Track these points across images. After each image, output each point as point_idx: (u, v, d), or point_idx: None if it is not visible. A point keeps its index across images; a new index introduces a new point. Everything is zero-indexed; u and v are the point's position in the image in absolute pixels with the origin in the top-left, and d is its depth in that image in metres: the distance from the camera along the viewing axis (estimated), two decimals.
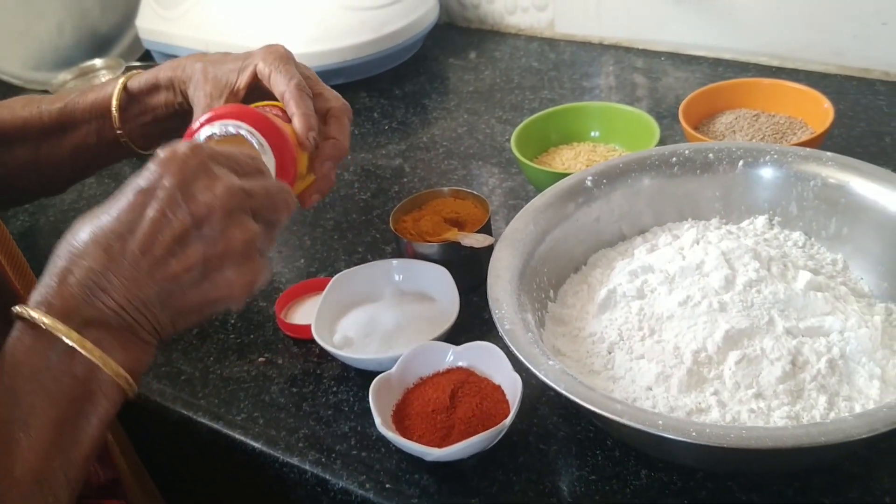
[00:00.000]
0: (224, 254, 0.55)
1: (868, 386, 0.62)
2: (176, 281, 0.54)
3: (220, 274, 0.56)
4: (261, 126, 0.66)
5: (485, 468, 0.67)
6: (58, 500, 0.51)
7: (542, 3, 1.29)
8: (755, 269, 0.68)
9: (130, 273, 0.53)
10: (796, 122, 0.92)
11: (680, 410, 0.62)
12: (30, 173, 0.83)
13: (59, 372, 0.52)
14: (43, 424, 0.51)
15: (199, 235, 0.54)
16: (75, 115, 0.82)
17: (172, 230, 0.53)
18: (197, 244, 0.54)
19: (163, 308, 0.55)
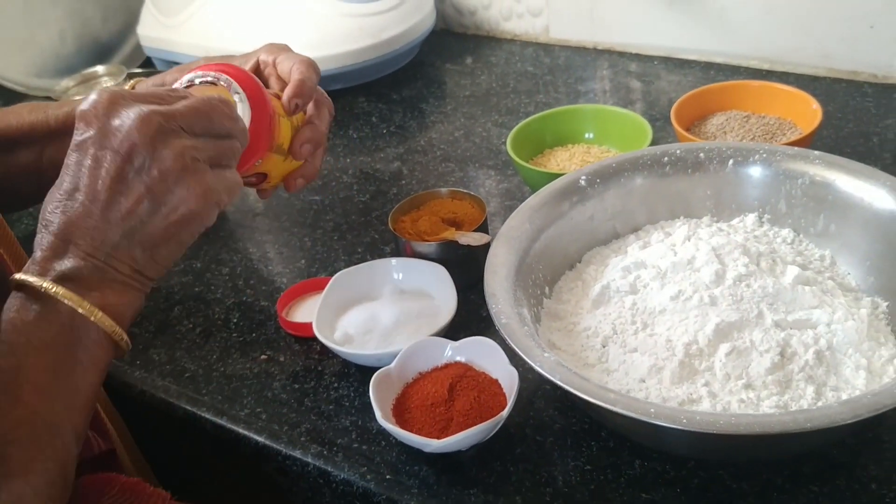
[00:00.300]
0: (162, 175, 0.57)
1: (854, 376, 0.64)
2: (132, 216, 0.57)
3: (171, 195, 0.58)
4: (241, 78, 0.68)
5: (483, 459, 0.68)
6: (66, 447, 0.55)
7: (537, 8, 1.31)
8: (745, 265, 0.70)
9: (88, 223, 0.57)
10: (786, 123, 0.94)
11: (672, 401, 0.64)
12: (33, 177, 0.84)
13: (45, 322, 0.55)
14: (37, 370, 0.54)
15: (133, 167, 0.57)
16: None
17: (108, 172, 0.57)
18: (134, 175, 0.57)
19: (132, 245, 0.58)
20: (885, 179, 0.72)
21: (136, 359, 0.85)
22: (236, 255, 0.98)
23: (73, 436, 0.56)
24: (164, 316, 0.90)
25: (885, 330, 0.69)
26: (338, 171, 1.10)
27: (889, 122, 1.00)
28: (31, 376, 0.54)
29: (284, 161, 0.74)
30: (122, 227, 0.57)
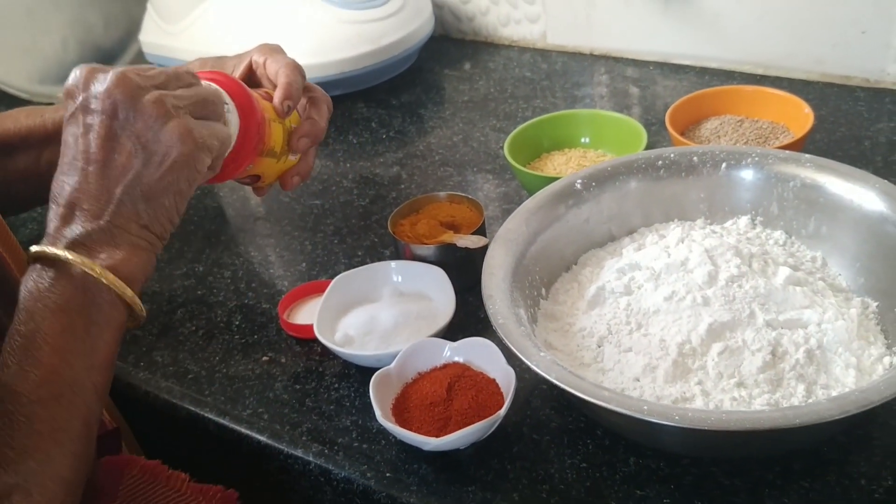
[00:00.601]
0: (146, 124, 0.60)
1: (844, 374, 0.65)
2: (128, 169, 0.60)
3: (159, 143, 0.61)
4: (230, 86, 0.70)
5: (481, 458, 0.70)
6: (88, 404, 0.58)
7: (535, 15, 1.33)
8: (737, 266, 0.72)
9: (90, 186, 0.59)
10: (779, 127, 0.96)
11: (666, 399, 0.65)
12: (32, 181, 0.85)
13: (58, 286, 0.58)
14: (54, 333, 0.57)
15: (119, 123, 0.60)
16: None
17: (97, 134, 0.60)
18: (121, 131, 0.60)
19: (135, 200, 0.61)
20: (875, 182, 0.73)
21: (139, 361, 0.87)
22: (238, 259, 0.99)
23: (94, 393, 0.58)
24: (168, 318, 0.92)
25: (875, 329, 0.70)
26: (338, 176, 1.12)
27: (881, 126, 1.01)
28: (48, 338, 0.56)
29: (278, 163, 0.76)
30: (120, 182, 0.60)
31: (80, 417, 0.57)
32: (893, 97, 1.06)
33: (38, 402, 0.55)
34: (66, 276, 0.58)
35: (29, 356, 0.56)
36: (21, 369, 0.55)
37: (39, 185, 0.87)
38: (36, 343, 0.56)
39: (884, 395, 0.56)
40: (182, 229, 1.06)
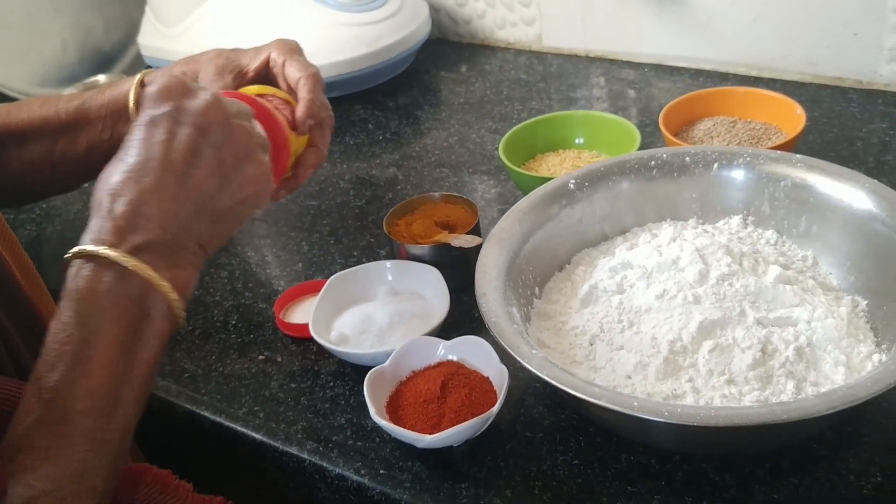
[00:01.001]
0: (234, 152, 0.61)
1: (834, 372, 0.66)
2: (203, 189, 0.60)
3: (239, 172, 0.62)
4: (259, 113, 0.71)
5: (474, 455, 0.70)
6: (127, 417, 0.57)
7: (530, 17, 1.34)
8: (727, 264, 0.73)
9: (163, 193, 0.58)
10: (771, 128, 0.96)
11: (657, 396, 0.66)
12: (46, 170, 0.86)
13: (117, 295, 0.56)
14: (107, 343, 0.55)
15: (207, 142, 0.60)
16: (90, 113, 0.85)
17: (183, 144, 0.59)
18: (208, 150, 0.60)
19: (200, 219, 0.60)
20: (864, 181, 0.74)
21: None
22: (235, 259, 1.00)
23: (135, 405, 0.57)
24: None
25: (865, 327, 0.71)
26: (334, 177, 1.12)
27: (873, 127, 1.02)
28: (102, 349, 0.55)
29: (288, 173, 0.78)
30: (194, 199, 0.60)
31: (119, 430, 0.56)
32: (886, 98, 1.07)
33: (82, 413, 0.53)
34: (127, 285, 0.56)
35: (79, 365, 0.54)
36: (69, 377, 0.54)
37: (53, 176, 0.87)
38: (88, 353, 0.54)
39: (870, 391, 0.56)
40: None
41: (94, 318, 0.55)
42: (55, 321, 0.56)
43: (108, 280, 0.56)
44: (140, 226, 0.57)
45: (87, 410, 0.54)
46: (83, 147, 0.85)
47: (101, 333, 0.55)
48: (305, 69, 0.79)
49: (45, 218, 1.15)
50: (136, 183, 0.58)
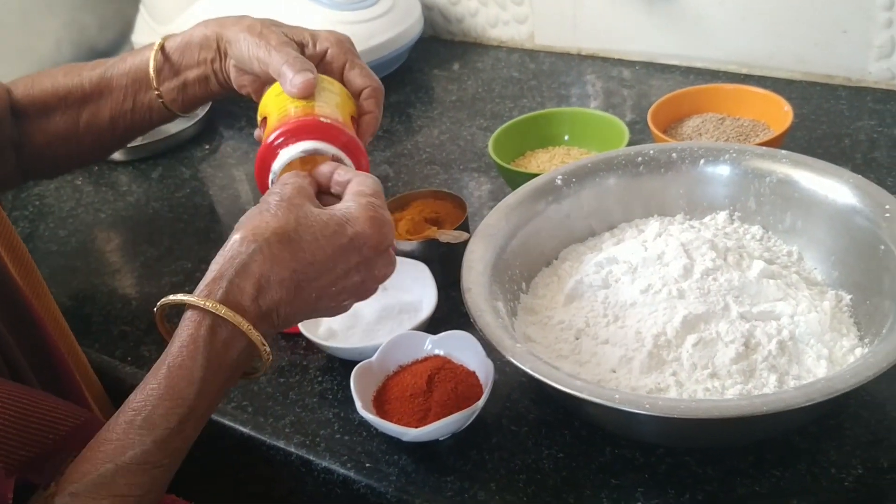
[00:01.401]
0: (369, 279, 0.65)
1: (816, 365, 0.67)
2: (321, 308, 0.64)
3: (362, 292, 0.66)
4: (349, 146, 0.70)
5: (460, 449, 0.71)
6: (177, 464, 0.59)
7: (523, 16, 1.34)
8: (712, 259, 0.73)
9: (302, 306, 0.62)
10: (759, 125, 0.97)
11: (641, 390, 0.66)
12: (71, 141, 0.86)
13: (234, 365, 0.59)
14: (211, 403, 0.59)
15: (357, 289, 0.65)
16: (112, 81, 0.85)
17: (345, 285, 0.63)
18: (352, 293, 0.65)
19: (303, 314, 0.65)
20: (849, 177, 0.75)
21: (127, 355, 0.88)
22: None
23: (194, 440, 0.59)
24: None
25: (848, 322, 0.71)
26: None
27: (861, 124, 1.02)
28: (205, 413, 0.59)
29: None
30: (313, 309, 0.64)
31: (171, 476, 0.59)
32: (875, 96, 1.07)
33: (160, 466, 0.56)
34: (242, 349, 0.59)
35: (184, 430, 0.57)
36: (168, 437, 0.56)
37: (78, 146, 0.87)
38: (188, 416, 0.57)
39: (848, 383, 0.57)
40: (172, 227, 1.08)
41: (211, 382, 0.58)
42: (168, 367, 0.57)
43: (222, 337, 0.58)
44: (271, 316, 0.60)
45: (164, 465, 0.56)
46: (107, 117, 0.86)
47: (209, 397, 0.58)
48: (371, 80, 0.78)
49: (39, 215, 1.16)
50: (296, 288, 0.60)
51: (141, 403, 0.56)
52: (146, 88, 0.85)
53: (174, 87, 0.85)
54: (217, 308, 0.57)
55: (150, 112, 0.87)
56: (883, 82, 1.08)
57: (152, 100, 0.85)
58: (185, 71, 0.84)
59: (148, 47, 0.85)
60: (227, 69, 0.84)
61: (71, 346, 0.78)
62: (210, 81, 0.85)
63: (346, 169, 0.68)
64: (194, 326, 0.58)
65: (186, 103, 0.87)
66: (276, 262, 0.59)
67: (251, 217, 0.62)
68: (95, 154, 0.93)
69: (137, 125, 0.88)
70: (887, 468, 0.64)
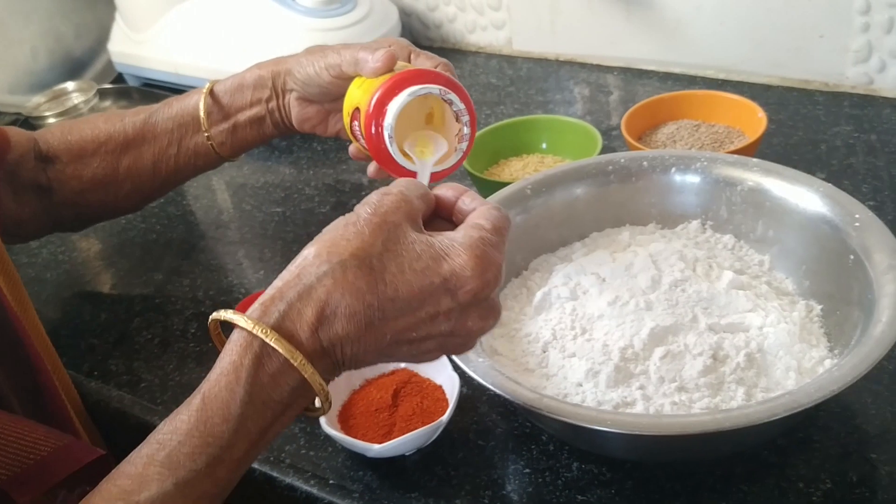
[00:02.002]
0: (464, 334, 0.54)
1: (785, 377, 0.66)
2: (396, 355, 0.54)
3: (453, 347, 0.56)
4: (452, 86, 0.71)
5: (426, 464, 0.70)
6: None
7: (500, 21, 1.33)
8: (680, 270, 0.72)
9: (371, 347, 0.52)
10: (734, 132, 0.96)
11: (607, 405, 0.65)
12: (109, 188, 0.86)
13: (282, 403, 0.50)
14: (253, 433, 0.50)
15: (444, 342, 0.54)
16: (157, 126, 0.85)
17: (429, 331, 0.52)
18: (437, 343, 0.54)
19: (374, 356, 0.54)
20: (819, 185, 0.74)
21: (94, 370, 0.86)
22: (197, 267, 0.99)
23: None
24: (125, 327, 0.92)
25: (818, 332, 0.70)
26: (300, 183, 1.12)
27: (837, 130, 1.01)
28: (234, 454, 0.50)
29: None
30: (389, 347, 0.53)
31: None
32: (851, 100, 1.06)
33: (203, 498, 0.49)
34: (294, 387, 0.50)
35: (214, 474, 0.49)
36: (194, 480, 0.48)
37: (117, 194, 0.87)
38: (226, 462, 0.49)
39: (812, 397, 0.56)
40: (143, 238, 1.07)
41: (247, 407, 0.49)
42: (212, 391, 0.49)
43: (285, 384, 0.50)
44: (336, 351, 0.51)
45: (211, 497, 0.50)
46: (150, 162, 0.85)
47: (255, 440, 0.50)
48: (439, 59, 0.77)
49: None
50: (367, 327, 0.50)
51: (167, 436, 0.49)
52: (193, 132, 0.85)
53: (224, 129, 0.86)
54: (267, 334, 0.48)
55: (195, 157, 0.87)
56: (860, 87, 1.07)
57: (199, 144, 0.85)
58: (236, 113, 0.85)
59: (196, 91, 0.86)
60: (286, 106, 0.85)
61: (56, 366, 0.77)
62: (264, 122, 0.86)
63: (474, 196, 0.57)
64: (238, 352, 0.49)
65: (236, 146, 0.87)
66: (349, 290, 0.49)
67: (334, 229, 0.52)
68: (132, 201, 0.90)
69: (181, 170, 0.88)
70: (856, 482, 0.63)
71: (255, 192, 1.12)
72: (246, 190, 1.13)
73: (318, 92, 0.82)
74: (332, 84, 0.80)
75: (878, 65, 1.04)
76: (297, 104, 0.85)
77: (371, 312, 0.50)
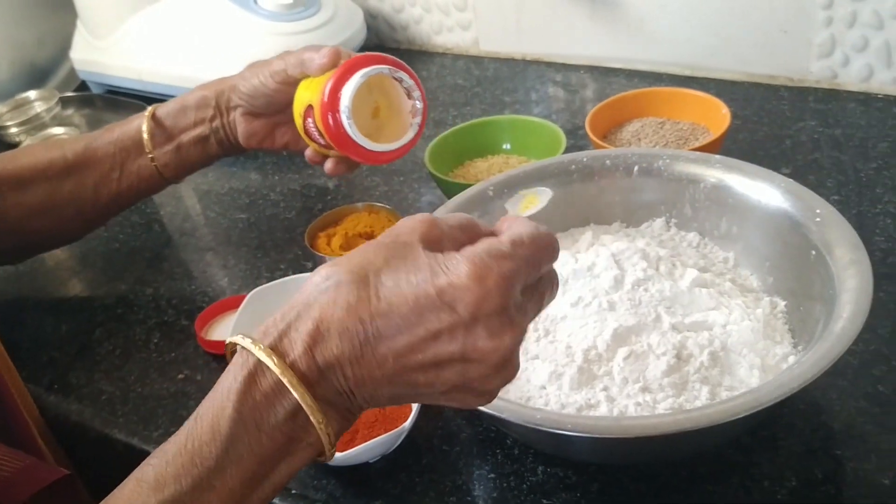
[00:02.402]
0: (479, 363, 0.47)
1: (749, 375, 0.65)
2: (413, 388, 0.48)
3: (462, 395, 0.49)
4: (400, 66, 0.75)
5: (390, 471, 0.69)
6: None
7: (466, 22, 1.32)
8: (643, 269, 0.71)
9: (374, 373, 0.46)
10: (699, 128, 0.96)
11: (571, 407, 0.65)
12: (50, 214, 0.84)
13: (279, 431, 0.46)
14: (245, 458, 0.46)
15: (462, 370, 0.47)
16: (98, 151, 0.84)
17: (436, 354, 0.46)
18: (454, 372, 0.47)
19: (396, 396, 0.49)
20: (780, 181, 0.73)
21: (54, 383, 0.85)
22: (160, 276, 0.98)
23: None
24: (86, 338, 0.90)
25: (783, 329, 0.70)
26: (265, 189, 1.11)
27: (801, 125, 1.01)
28: (225, 481, 0.46)
29: None
30: (396, 390, 0.48)
31: None
32: (816, 95, 1.06)
33: None
34: (293, 422, 0.46)
35: (202, 499, 0.45)
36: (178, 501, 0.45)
37: (58, 221, 0.86)
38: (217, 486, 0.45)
39: (773, 395, 0.55)
40: (106, 247, 1.05)
41: (239, 445, 0.46)
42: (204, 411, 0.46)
43: (278, 412, 0.46)
44: (333, 378, 0.47)
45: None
46: (91, 186, 0.84)
47: (249, 467, 0.46)
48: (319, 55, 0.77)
49: None
50: (362, 345, 0.46)
51: (157, 458, 0.47)
52: (136, 155, 0.84)
53: (168, 150, 0.85)
54: (261, 350, 0.46)
55: (138, 181, 0.86)
56: (824, 81, 1.07)
57: (141, 167, 0.85)
58: (179, 134, 0.85)
59: (137, 116, 0.85)
60: (231, 124, 0.86)
61: (15, 382, 0.75)
62: (209, 141, 0.86)
63: (520, 220, 0.50)
64: (234, 371, 0.47)
65: (180, 167, 0.87)
66: (341, 305, 0.45)
67: (355, 249, 0.50)
68: (75, 228, 0.90)
69: (124, 194, 0.87)
70: (822, 479, 0.62)
71: (220, 199, 1.11)
72: (211, 196, 1.12)
73: (264, 103, 0.83)
74: (277, 91, 0.81)
75: (841, 59, 1.04)
76: (243, 120, 0.85)
77: (364, 328, 0.46)
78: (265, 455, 0.46)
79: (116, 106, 1.31)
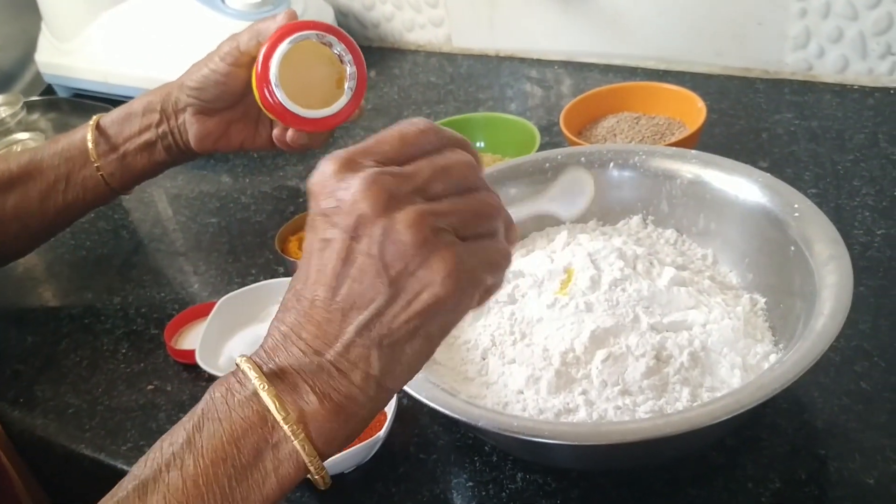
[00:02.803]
0: (398, 252, 0.43)
1: (730, 375, 0.64)
2: (365, 305, 0.44)
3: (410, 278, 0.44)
4: (332, 30, 0.74)
5: (365, 481, 0.67)
6: None
7: (438, 18, 1.31)
8: (620, 269, 0.70)
9: (322, 315, 0.45)
10: (675, 123, 0.94)
11: (549, 412, 0.63)
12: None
13: (248, 407, 0.45)
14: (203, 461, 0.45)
15: (362, 246, 0.43)
16: (43, 162, 0.82)
17: (335, 253, 0.44)
18: (364, 256, 0.44)
19: (369, 344, 0.44)
20: (758, 176, 0.72)
21: (19, 397, 0.82)
22: (128, 284, 0.95)
23: None
24: (52, 350, 0.88)
25: (763, 326, 0.69)
26: (236, 192, 1.08)
27: (778, 118, 1.00)
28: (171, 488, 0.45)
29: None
30: (352, 319, 0.44)
31: None
32: (792, 87, 1.05)
33: None
34: (256, 414, 0.44)
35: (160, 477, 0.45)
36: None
37: (3, 235, 0.83)
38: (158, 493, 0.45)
39: (754, 397, 0.54)
40: (72, 255, 1.03)
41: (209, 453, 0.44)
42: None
43: (236, 397, 0.45)
44: (291, 345, 0.45)
45: None
46: (36, 199, 0.82)
47: (213, 439, 0.45)
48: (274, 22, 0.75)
49: None
50: (297, 298, 0.45)
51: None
52: (81, 166, 0.82)
53: (113, 159, 0.83)
54: (242, 360, 0.46)
55: (84, 192, 0.83)
56: (800, 73, 1.06)
57: (87, 178, 0.82)
58: (124, 143, 0.83)
59: (83, 126, 0.83)
60: (180, 127, 0.83)
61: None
62: (155, 148, 0.83)
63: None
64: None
65: (127, 177, 0.84)
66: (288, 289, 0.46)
67: None
68: (20, 244, 0.87)
69: (70, 206, 0.84)
70: (805, 480, 0.61)
71: (190, 203, 1.08)
72: (181, 200, 1.09)
73: (216, 94, 0.79)
74: (229, 75, 0.77)
75: (816, 50, 1.03)
76: (195, 121, 0.82)
77: (296, 292, 0.45)
78: (236, 434, 0.44)
79: (83, 109, 1.28)
